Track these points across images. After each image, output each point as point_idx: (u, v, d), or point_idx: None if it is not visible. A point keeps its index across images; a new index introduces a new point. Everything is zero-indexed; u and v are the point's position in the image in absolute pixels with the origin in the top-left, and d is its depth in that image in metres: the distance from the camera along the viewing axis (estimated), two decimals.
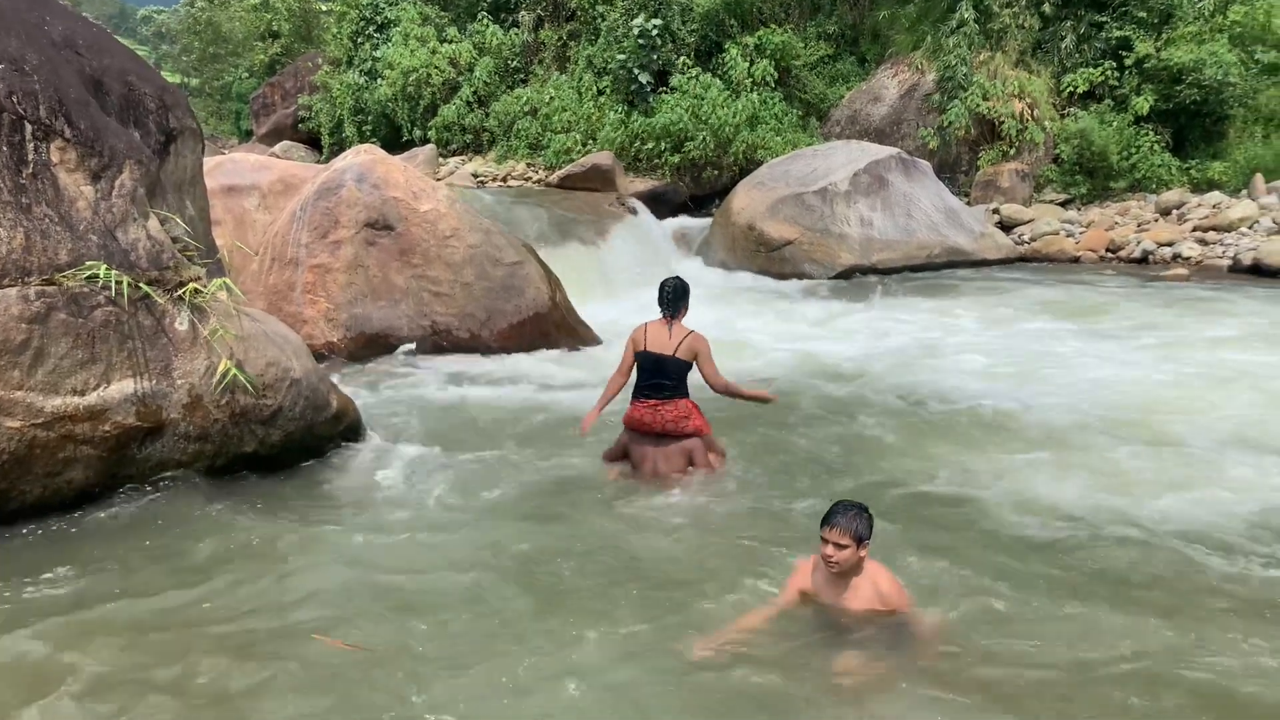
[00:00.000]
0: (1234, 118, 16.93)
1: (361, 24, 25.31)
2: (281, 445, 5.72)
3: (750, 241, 14.39)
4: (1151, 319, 10.29)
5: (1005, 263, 14.89)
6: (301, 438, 5.84)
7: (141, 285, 4.99)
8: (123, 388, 4.95)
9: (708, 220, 16.29)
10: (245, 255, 9.26)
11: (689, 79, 18.80)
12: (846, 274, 13.88)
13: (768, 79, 19.01)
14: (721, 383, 5.61)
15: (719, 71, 19.36)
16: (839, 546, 3.65)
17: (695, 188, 18.65)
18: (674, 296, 5.63)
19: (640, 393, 5.60)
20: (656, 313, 5.69)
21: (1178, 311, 10.60)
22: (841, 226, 14.14)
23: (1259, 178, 15.22)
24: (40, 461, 4.77)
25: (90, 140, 4.94)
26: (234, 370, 5.22)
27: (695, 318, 5.90)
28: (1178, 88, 16.45)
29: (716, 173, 18.37)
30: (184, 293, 5.21)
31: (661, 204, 17.51)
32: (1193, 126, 16.99)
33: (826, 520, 3.70)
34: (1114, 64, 17.12)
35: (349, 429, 6.27)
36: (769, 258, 14.19)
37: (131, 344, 4.98)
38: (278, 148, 27.10)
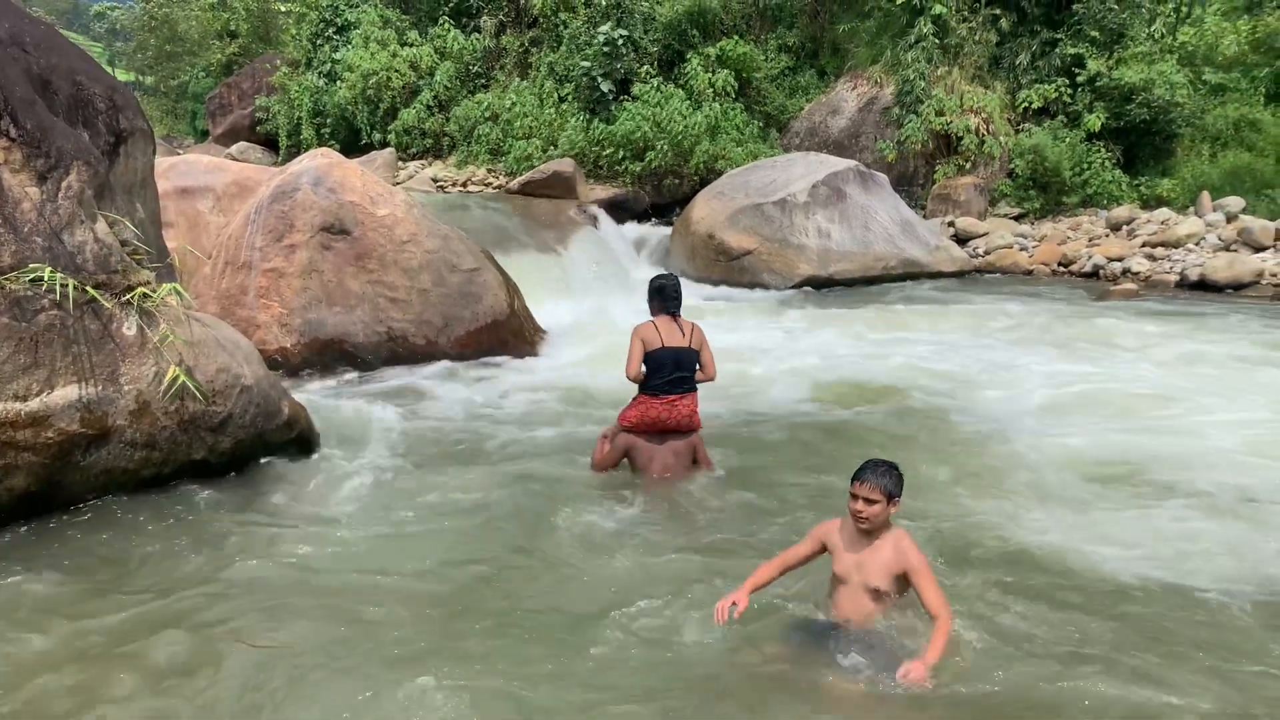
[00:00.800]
0: (1182, 136, 17.34)
1: (321, 26, 25.09)
2: (231, 453, 5.64)
3: (710, 251, 14.45)
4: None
5: (960, 275, 15.10)
6: (252, 445, 5.75)
7: (88, 289, 4.89)
8: (67, 393, 4.84)
9: (668, 229, 16.34)
10: (198, 259, 9.12)
11: (651, 88, 18.86)
12: (804, 284, 14.00)
13: (728, 89, 19.12)
14: (715, 375, 5.80)
15: (680, 81, 19.45)
16: (869, 501, 3.67)
17: (656, 196, 18.69)
18: (679, 293, 5.78)
19: (659, 390, 5.58)
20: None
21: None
22: (800, 237, 14.25)
23: (1205, 195, 15.58)
24: None
25: (36, 140, 4.83)
26: (183, 377, 5.13)
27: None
28: (1128, 106, 16.82)
29: (677, 181, 18.43)
30: (132, 297, 5.11)
31: (622, 211, 17.54)
32: (1142, 144, 17.37)
33: (858, 476, 3.72)
34: (1067, 81, 17.45)
35: (301, 436, 6.19)
36: (728, 267, 14.26)
37: (77, 349, 4.88)
38: (234, 149, 26.75)
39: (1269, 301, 12.43)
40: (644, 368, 5.63)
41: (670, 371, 5.58)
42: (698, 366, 5.73)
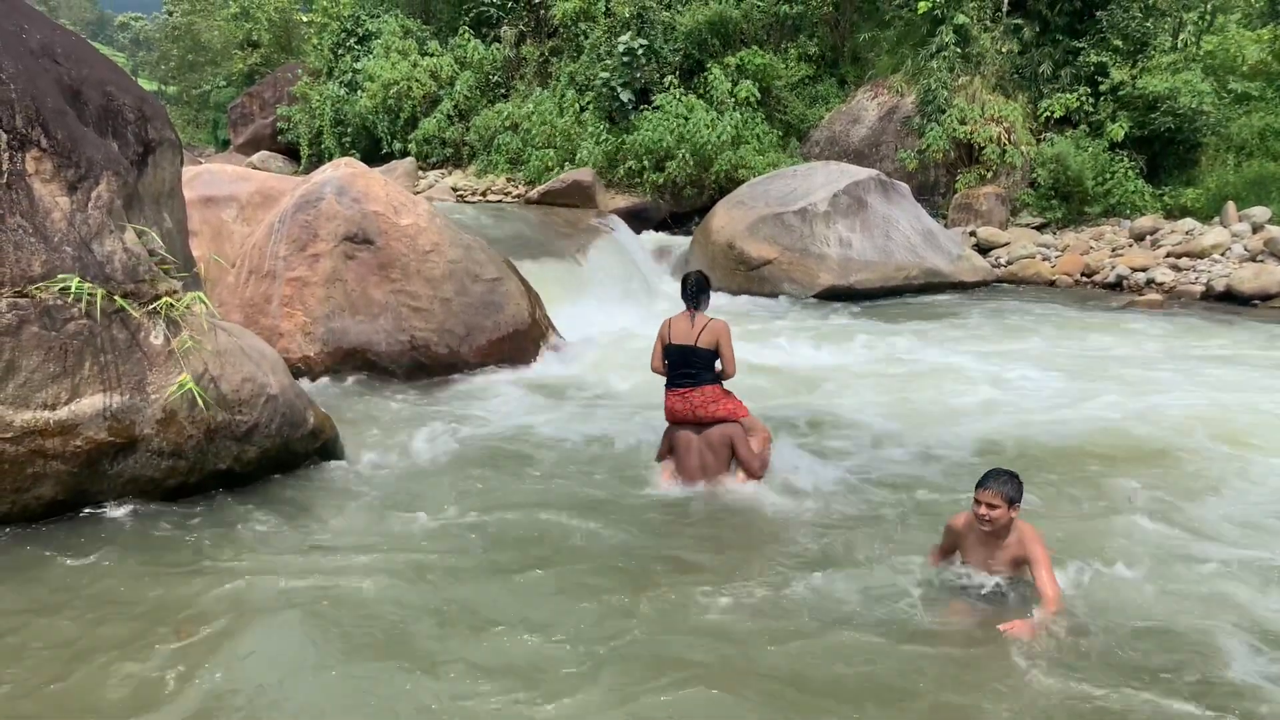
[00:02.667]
0: (1206, 146, 17.19)
1: (342, 36, 25.28)
2: (257, 462, 5.64)
3: (730, 260, 14.42)
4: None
5: (982, 285, 15.01)
6: (278, 454, 5.76)
7: (116, 298, 4.91)
8: (95, 402, 4.86)
9: (687, 238, 16.32)
10: (222, 267, 9.16)
11: (673, 98, 18.87)
12: (825, 294, 13.94)
13: (751, 99, 19.11)
14: (732, 373, 5.96)
15: (701, 91, 19.46)
16: (991, 506, 4.08)
17: (675, 205, 18.68)
18: (696, 290, 5.98)
19: (672, 382, 5.94)
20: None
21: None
22: (821, 247, 14.20)
23: (1231, 205, 15.44)
24: (8, 477, 4.68)
25: (67, 151, 4.87)
26: (190, 384, 5.11)
27: None
28: (1152, 115, 16.69)
29: (696, 191, 18.41)
30: (159, 306, 5.13)
31: (641, 221, 17.54)
32: (1166, 154, 17.23)
33: (982, 484, 4.14)
34: (1089, 90, 17.34)
35: (325, 446, 6.19)
36: (748, 276, 14.22)
37: (105, 358, 4.90)
38: (255, 158, 26.96)
39: None
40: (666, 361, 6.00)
41: (677, 366, 5.91)
42: (717, 362, 5.92)
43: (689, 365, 5.85)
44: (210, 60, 40.75)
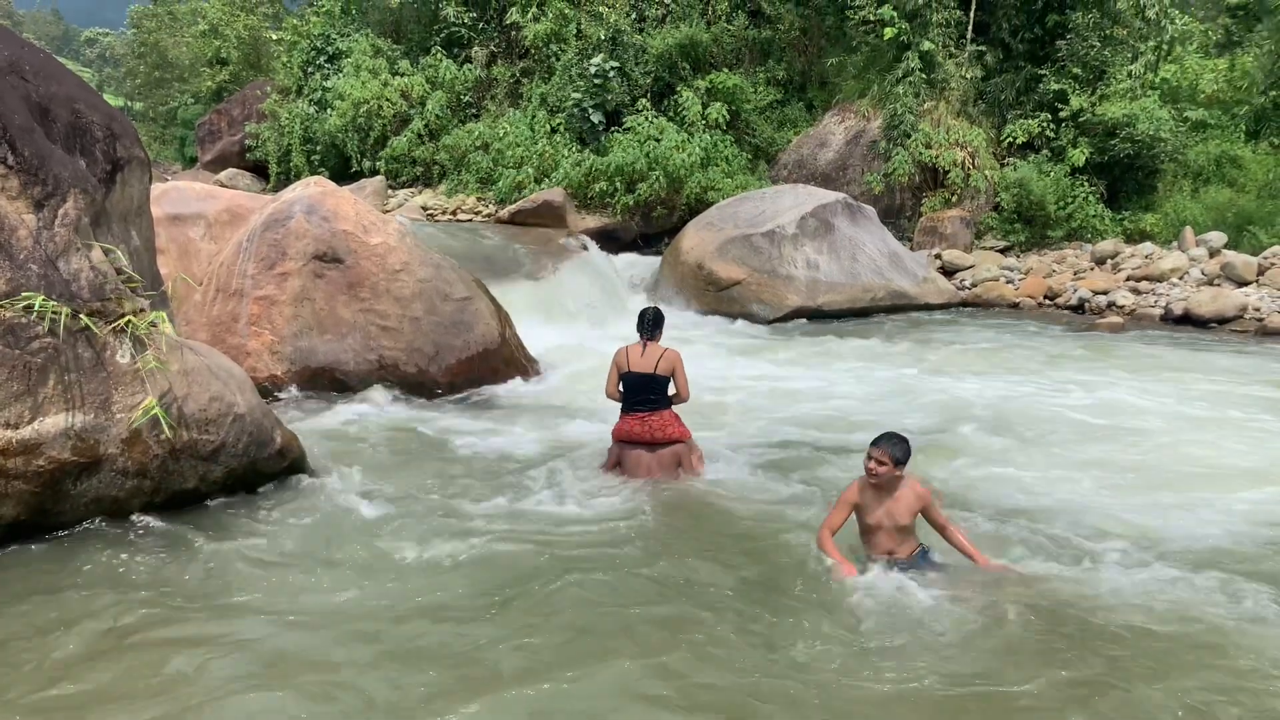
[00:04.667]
0: (1165, 172, 17.59)
1: (312, 54, 25.21)
2: (223, 482, 5.61)
3: (699, 280, 14.52)
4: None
5: (947, 307, 15.21)
6: (244, 474, 5.73)
7: (81, 317, 4.88)
8: (58, 421, 4.82)
9: (657, 259, 16.42)
10: (189, 286, 9.10)
11: (644, 120, 19.01)
12: (792, 315, 14.06)
13: (720, 122, 19.29)
14: (687, 396, 6.47)
15: (672, 113, 19.62)
16: (879, 463, 4.72)
17: (645, 226, 18.78)
18: (653, 323, 6.53)
19: (630, 407, 6.40)
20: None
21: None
22: (789, 268, 14.34)
23: (1188, 230, 15.79)
24: None
25: (34, 168, 4.84)
26: (156, 409, 5.08)
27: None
28: (1111, 141, 17.06)
29: (667, 212, 18.53)
30: (125, 325, 5.10)
31: (612, 241, 17.61)
32: (1126, 179, 17.61)
33: (874, 443, 4.79)
34: (1051, 117, 17.70)
35: (292, 465, 6.16)
36: (717, 297, 14.33)
37: (69, 376, 4.86)
38: (223, 175, 26.77)
39: (1254, 336, 12.56)
40: (621, 388, 6.46)
41: (636, 393, 6.38)
42: (671, 388, 6.42)
43: (649, 391, 6.35)
44: (178, 77, 40.45)
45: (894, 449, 4.74)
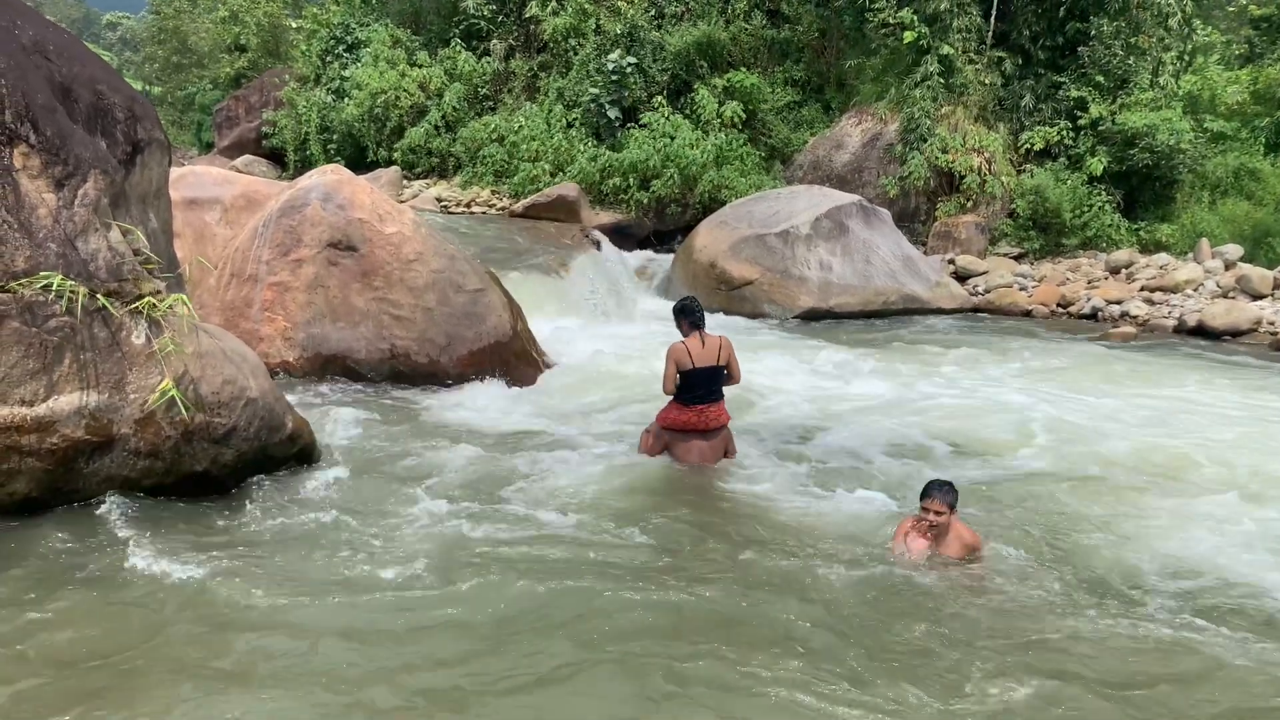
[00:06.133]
0: (1183, 183, 17.48)
1: (331, 43, 25.24)
2: (234, 465, 5.64)
3: (711, 279, 14.51)
4: None
5: (959, 312, 15.16)
6: (255, 458, 5.75)
7: (99, 297, 4.91)
8: (73, 400, 4.85)
9: (669, 256, 16.41)
10: (203, 269, 9.14)
11: (661, 117, 19.00)
12: (805, 316, 14.04)
13: (736, 121, 19.27)
14: (740, 378, 6.74)
15: (687, 111, 19.60)
16: (938, 514, 4.85)
17: (659, 223, 18.78)
18: (702, 314, 6.69)
19: (695, 400, 6.47)
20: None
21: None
22: (801, 269, 14.32)
23: (1204, 242, 15.70)
24: None
25: (55, 148, 4.87)
26: (173, 391, 5.10)
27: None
28: (1130, 151, 16.96)
29: (681, 210, 18.52)
30: (142, 306, 5.13)
31: (625, 238, 17.61)
32: (1143, 189, 17.50)
33: (927, 494, 4.90)
34: (1070, 124, 17.62)
35: (303, 451, 6.19)
36: (729, 296, 14.31)
37: (85, 356, 4.89)
38: (239, 161, 26.83)
39: (1269, 350, 12.49)
40: (680, 382, 6.50)
41: (703, 386, 6.47)
42: (725, 375, 6.59)
43: (715, 383, 6.52)
44: (196, 62, 40.58)
45: (947, 497, 4.87)
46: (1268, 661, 4.09)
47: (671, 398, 6.55)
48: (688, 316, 6.58)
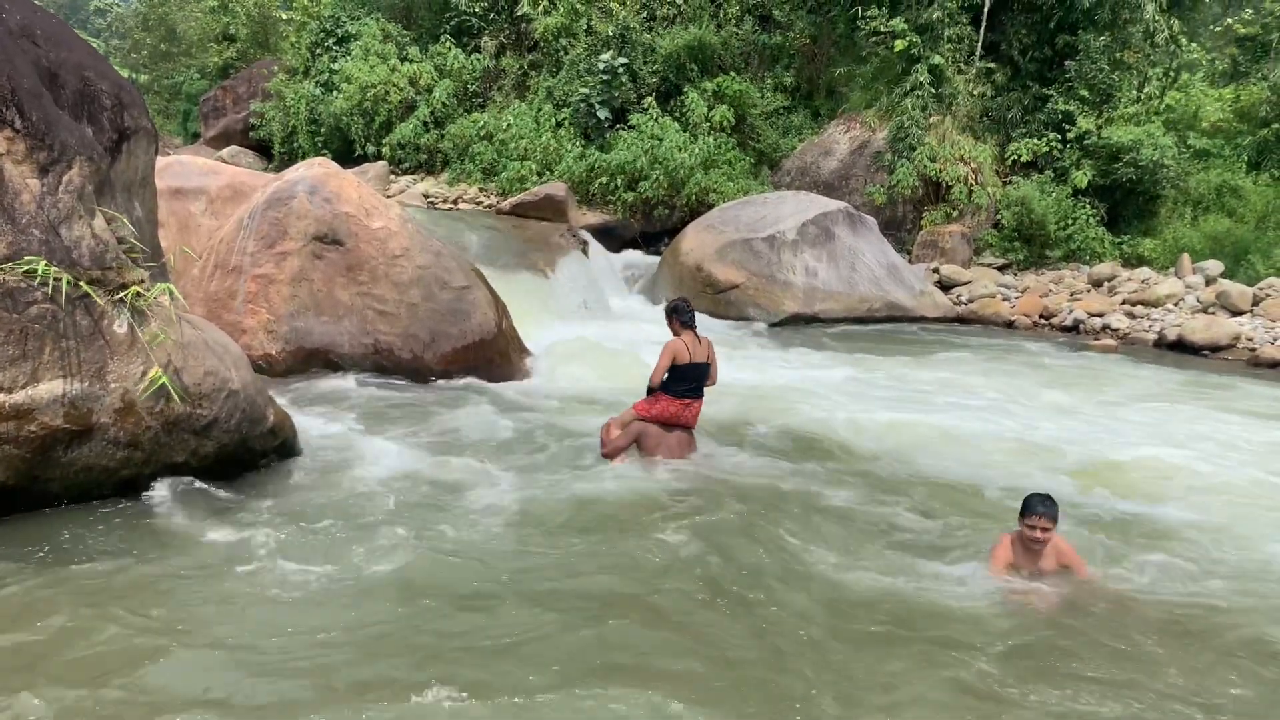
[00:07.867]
0: (1166, 198, 17.66)
1: (321, 35, 25.13)
2: (214, 457, 5.60)
3: (697, 282, 14.54)
4: None
5: (942, 321, 15.24)
6: (235, 450, 5.72)
7: (81, 284, 4.87)
8: (53, 388, 4.81)
9: (655, 258, 16.42)
10: (186, 259, 9.08)
11: (649, 119, 19.02)
12: (789, 321, 14.09)
13: (725, 124, 19.31)
14: (716, 380, 7.03)
15: (677, 114, 19.63)
16: (1045, 530, 4.73)
17: (646, 225, 18.80)
18: (694, 315, 6.98)
19: (683, 394, 6.76)
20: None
21: None
22: (787, 274, 14.37)
23: (1186, 258, 15.86)
24: None
25: (40, 133, 4.83)
26: (164, 378, 5.08)
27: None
28: (1115, 165, 17.11)
29: (668, 212, 18.56)
30: (125, 295, 5.09)
31: (611, 238, 17.62)
32: (1127, 203, 17.67)
33: (1032, 511, 4.74)
34: (1057, 137, 17.75)
35: (284, 445, 6.16)
36: (715, 299, 14.34)
37: (66, 343, 4.85)
38: (225, 152, 26.65)
39: (1246, 366, 12.62)
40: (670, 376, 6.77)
41: (692, 380, 6.80)
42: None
43: (702, 379, 6.86)
44: (184, 51, 40.26)
45: (1052, 510, 4.74)
46: None
47: (655, 390, 6.77)
48: (680, 316, 6.90)
